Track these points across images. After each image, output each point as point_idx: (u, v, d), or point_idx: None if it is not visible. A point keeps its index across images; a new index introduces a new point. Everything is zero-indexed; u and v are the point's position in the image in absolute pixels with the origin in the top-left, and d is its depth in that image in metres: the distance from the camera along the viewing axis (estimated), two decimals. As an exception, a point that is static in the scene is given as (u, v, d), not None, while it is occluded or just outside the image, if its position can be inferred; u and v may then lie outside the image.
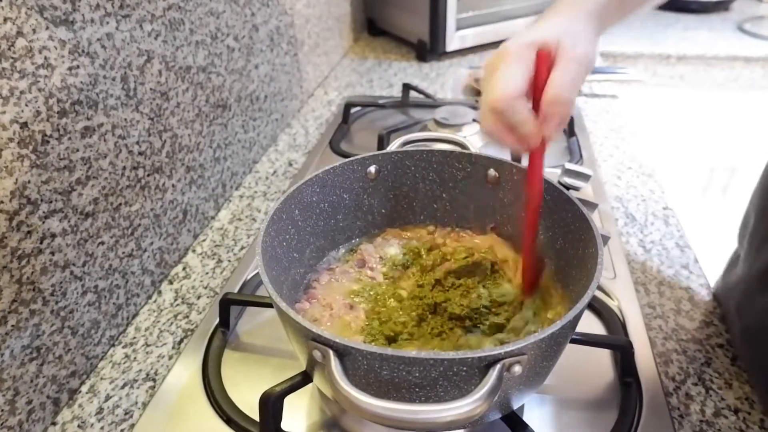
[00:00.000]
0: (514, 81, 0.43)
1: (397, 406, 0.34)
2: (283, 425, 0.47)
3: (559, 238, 0.52)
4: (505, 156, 0.59)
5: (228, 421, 0.50)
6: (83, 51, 0.51)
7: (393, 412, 0.34)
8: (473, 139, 0.88)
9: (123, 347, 0.59)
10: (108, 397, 0.53)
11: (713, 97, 1.48)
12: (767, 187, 0.56)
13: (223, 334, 0.58)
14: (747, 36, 1.52)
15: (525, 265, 0.53)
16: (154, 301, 0.64)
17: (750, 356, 0.54)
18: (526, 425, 0.44)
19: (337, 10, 1.30)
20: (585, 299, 0.39)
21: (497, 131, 0.45)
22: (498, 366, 0.35)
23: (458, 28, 1.29)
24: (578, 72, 0.44)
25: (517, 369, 0.36)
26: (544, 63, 0.44)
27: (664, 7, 1.76)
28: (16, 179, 0.45)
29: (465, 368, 0.35)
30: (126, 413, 0.51)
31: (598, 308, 0.60)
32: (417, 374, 0.36)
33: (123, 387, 0.54)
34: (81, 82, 0.51)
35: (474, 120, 0.94)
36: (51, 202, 0.49)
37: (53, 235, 0.49)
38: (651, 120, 1.52)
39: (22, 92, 0.45)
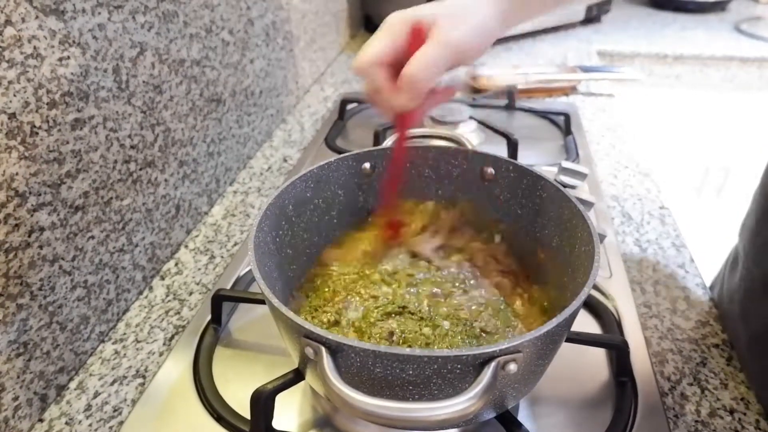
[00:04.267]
0: (375, 49, 0.46)
1: (390, 404, 0.33)
2: (275, 423, 0.46)
3: (555, 236, 0.52)
4: (502, 152, 0.59)
5: (219, 418, 0.49)
6: (74, 41, 0.50)
7: (386, 410, 0.33)
8: (469, 136, 0.87)
9: (113, 343, 0.58)
10: (97, 394, 0.52)
11: (709, 97, 1.48)
12: None
13: (214, 330, 0.58)
14: (744, 36, 1.52)
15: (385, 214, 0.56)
16: (145, 297, 0.64)
17: (756, 362, 0.53)
18: (520, 424, 0.44)
19: (334, 6, 1.29)
20: (581, 297, 0.38)
21: (369, 93, 0.48)
22: (493, 364, 0.34)
23: (455, 26, 1.28)
24: (441, 56, 0.45)
25: (513, 367, 0.36)
26: (414, 39, 0.46)
27: (661, 7, 1.76)
28: (4, 171, 0.44)
29: (459, 366, 0.35)
30: (115, 410, 0.51)
31: (593, 307, 0.59)
32: (411, 372, 0.35)
33: (112, 383, 0.53)
34: (71, 73, 0.50)
35: (471, 117, 0.93)
36: (40, 194, 0.48)
37: (42, 229, 0.48)
38: (647, 119, 1.52)
39: (10, 82, 0.44)
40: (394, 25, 0.47)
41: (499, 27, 0.49)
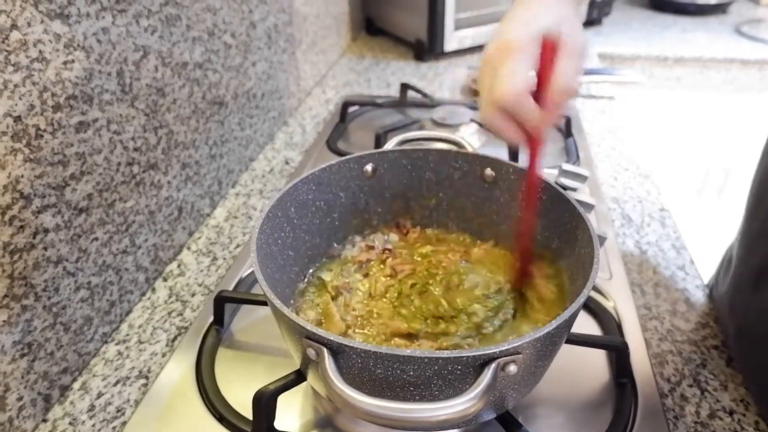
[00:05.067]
0: (522, 77, 0.43)
1: (391, 405, 0.33)
2: (277, 424, 0.47)
3: (556, 238, 0.52)
4: (502, 155, 0.59)
5: (221, 419, 0.49)
6: (78, 45, 0.51)
7: (387, 411, 0.33)
8: (470, 139, 0.87)
9: (116, 344, 0.58)
10: (100, 395, 0.53)
11: (710, 99, 1.48)
12: (757, 187, 0.56)
13: (217, 331, 0.58)
14: (744, 39, 1.52)
15: (521, 258, 0.53)
16: (148, 299, 0.64)
17: (745, 356, 0.54)
18: (520, 425, 0.44)
19: (336, 9, 1.29)
20: (581, 299, 0.39)
21: (502, 126, 0.46)
22: (493, 365, 0.35)
23: (456, 28, 1.29)
24: (580, 61, 0.45)
25: (513, 368, 0.36)
26: (550, 54, 0.45)
27: (661, 9, 1.76)
28: (9, 173, 0.45)
29: (460, 367, 0.35)
30: (118, 411, 0.51)
31: (593, 309, 0.60)
32: (411, 373, 0.36)
33: (115, 384, 0.54)
34: (76, 77, 0.51)
35: (472, 120, 0.94)
36: (44, 197, 0.48)
37: (46, 231, 0.49)
38: (648, 121, 1.52)
39: (16, 85, 0.44)
40: (525, 47, 0.44)
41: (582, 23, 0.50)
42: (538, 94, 0.45)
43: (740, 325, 0.54)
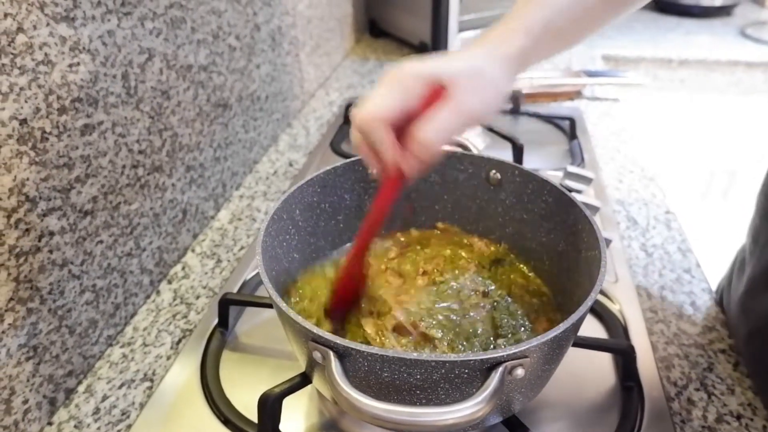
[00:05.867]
0: (384, 105, 0.42)
1: (398, 408, 0.33)
2: (282, 427, 0.46)
3: (561, 241, 0.52)
4: (507, 157, 0.59)
5: (225, 422, 0.49)
6: (84, 48, 0.51)
7: (393, 414, 0.33)
8: (475, 141, 0.87)
9: (121, 347, 0.58)
10: (105, 397, 0.53)
11: (714, 101, 1.48)
12: None
13: (221, 334, 0.58)
14: (749, 41, 1.52)
15: (341, 282, 0.50)
16: (153, 301, 0.64)
17: (755, 358, 0.53)
18: (527, 429, 0.44)
19: (339, 11, 1.29)
20: (588, 302, 0.39)
21: (360, 146, 0.45)
22: (500, 369, 0.35)
23: (460, 30, 1.29)
24: (457, 122, 0.42)
25: (520, 372, 0.36)
26: (431, 98, 0.42)
27: (666, 11, 1.76)
28: (15, 176, 0.45)
29: (467, 370, 0.35)
30: (123, 413, 0.51)
31: (599, 312, 0.59)
32: (418, 376, 0.36)
33: (120, 387, 0.54)
34: (81, 80, 0.51)
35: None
36: (50, 199, 0.48)
37: (51, 233, 0.49)
38: (652, 124, 1.52)
39: (21, 88, 0.45)
40: (406, 81, 0.42)
41: (509, 85, 0.46)
42: (405, 134, 0.43)
43: (753, 328, 0.54)
